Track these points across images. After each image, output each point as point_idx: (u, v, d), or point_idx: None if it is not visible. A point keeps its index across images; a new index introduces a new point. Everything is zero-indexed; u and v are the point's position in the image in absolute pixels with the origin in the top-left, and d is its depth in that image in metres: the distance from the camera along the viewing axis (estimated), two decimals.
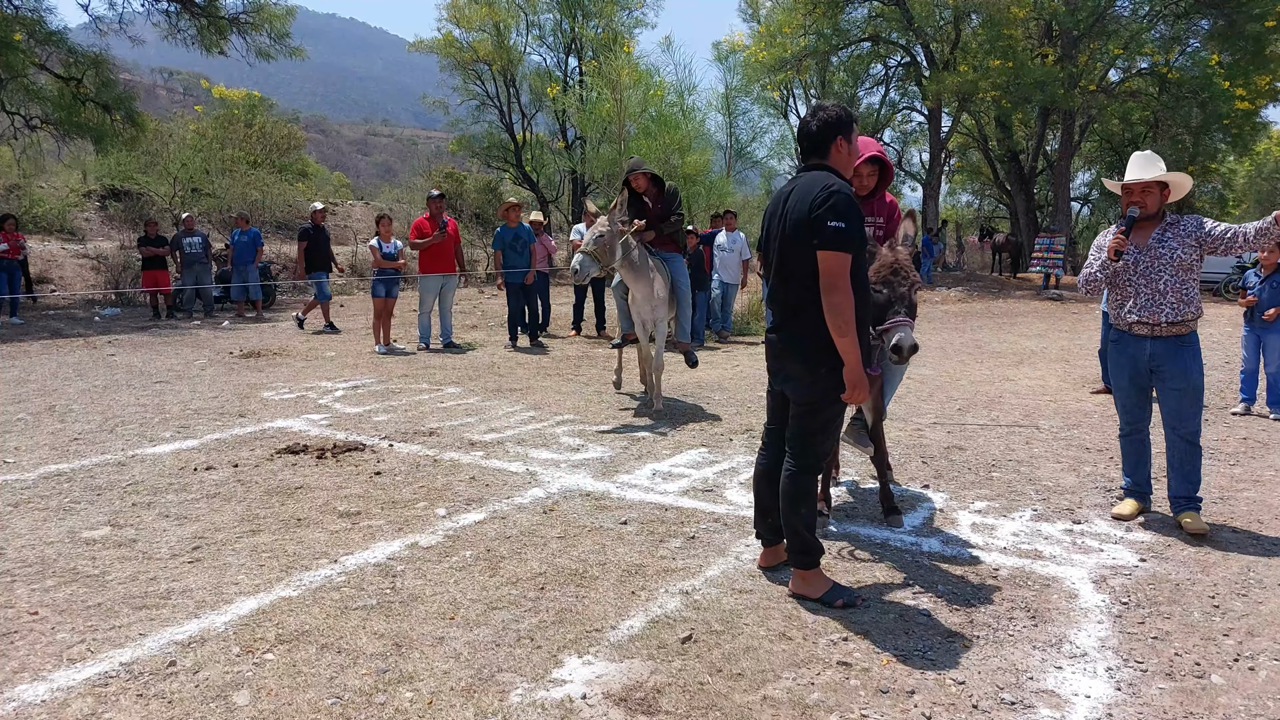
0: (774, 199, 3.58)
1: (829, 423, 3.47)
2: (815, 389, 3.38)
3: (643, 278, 6.75)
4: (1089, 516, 4.54)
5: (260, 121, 30.97)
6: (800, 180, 3.42)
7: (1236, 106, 22.53)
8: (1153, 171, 4.34)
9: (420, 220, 10.95)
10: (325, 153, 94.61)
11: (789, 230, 3.35)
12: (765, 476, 3.68)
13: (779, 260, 3.44)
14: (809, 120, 3.51)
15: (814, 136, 3.46)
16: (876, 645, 3.08)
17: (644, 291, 6.79)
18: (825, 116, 3.46)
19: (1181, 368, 4.33)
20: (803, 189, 3.34)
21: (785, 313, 3.46)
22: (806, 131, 3.50)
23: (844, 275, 3.20)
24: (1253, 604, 3.48)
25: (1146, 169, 4.38)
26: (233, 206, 20.55)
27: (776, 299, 3.50)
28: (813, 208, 3.23)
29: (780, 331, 3.49)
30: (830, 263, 3.20)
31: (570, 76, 29.20)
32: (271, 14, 19.54)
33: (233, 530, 4.17)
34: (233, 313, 14.55)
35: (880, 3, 25.04)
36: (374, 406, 7.17)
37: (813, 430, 3.44)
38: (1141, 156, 4.48)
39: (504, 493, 4.82)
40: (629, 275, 6.74)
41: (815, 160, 3.46)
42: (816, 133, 3.45)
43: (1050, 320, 15.69)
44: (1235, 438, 6.39)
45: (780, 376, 3.55)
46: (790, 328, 3.43)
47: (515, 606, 3.35)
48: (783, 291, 3.45)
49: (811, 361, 3.35)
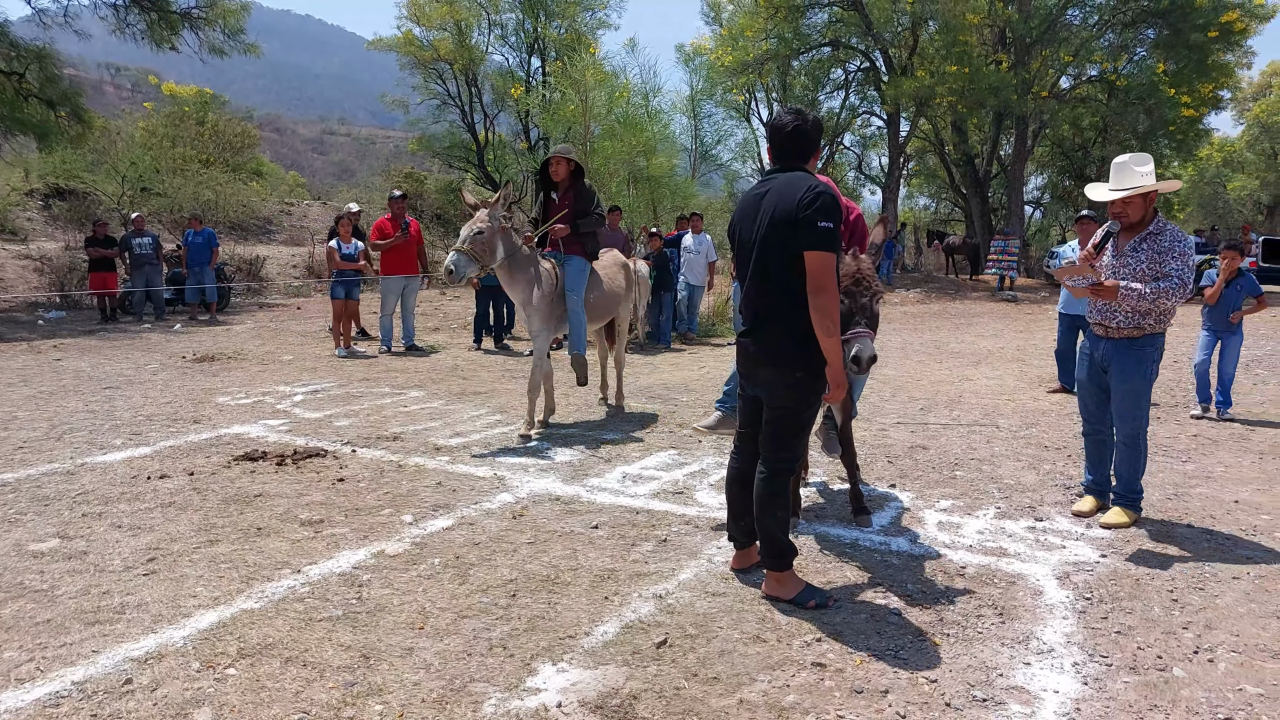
0: (745, 202, 3.54)
1: (803, 426, 3.46)
2: (789, 392, 3.37)
3: (519, 281, 6.14)
4: (1050, 514, 4.61)
5: (212, 119, 30.30)
6: (777, 181, 3.38)
7: (1181, 114, 23.18)
8: (1129, 181, 4.26)
9: (382, 221, 10.80)
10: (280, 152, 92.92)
11: (770, 231, 3.31)
12: (738, 480, 3.67)
13: (757, 262, 3.39)
14: (798, 123, 3.43)
15: (804, 138, 3.42)
16: (850, 646, 3.09)
17: (521, 297, 6.20)
18: (815, 120, 3.46)
19: (1124, 368, 4.36)
20: (783, 190, 3.30)
21: (759, 315, 3.43)
22: (798, 133, 3.42)
23: (832, 275, 3.21)
24: (1209, 597, 3.55)
25: (1124, 180, 4.28)
26: (184, 206, 20.06)
27: (750, 301, 3.47)
28: (800, 208, 3.19)
29: (753, 335, 3.46)
30: (819, 263, 3.19)
31: (533, 77, 29.04)
32: (225, 10, 19.11)
33: (189, 540, 4.05)
34: (186, 315, 14.21)
35: (840, 8, 25.28)
36: (335, 411, 7.05)
37: (786, 433, 3.43)
38: (1121, 163, 4.35)
39: (471, 498, 4.75)
40: (505, 278, 6.14)
41: (795, 163, 3.44)
42: (809, 134, 3.43)
43: (1006, 321, 15.98)
44: (1186, 435, 6.55)
45: (753, 381, 3.53)
46: (764, 331, 3.41)
47: (486, 615, 3.30)
48: (758, 294, 3.42)
49: (785, 365, 3.34)
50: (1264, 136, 37.76)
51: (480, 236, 5.75)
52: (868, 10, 23.78)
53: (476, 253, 5.72)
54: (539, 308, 6.18)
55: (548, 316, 6.26)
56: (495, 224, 5.84)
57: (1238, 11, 23.05)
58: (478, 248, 5.73)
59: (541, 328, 6.26)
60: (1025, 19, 23.85)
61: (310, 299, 17.71)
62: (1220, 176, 39.99)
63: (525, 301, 6.19)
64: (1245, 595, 3.58)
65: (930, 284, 23.96)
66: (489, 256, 5.81)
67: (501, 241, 5.91)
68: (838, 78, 29.11)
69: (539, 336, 6.30)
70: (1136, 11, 23.73)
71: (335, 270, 10.77)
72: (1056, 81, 25.63)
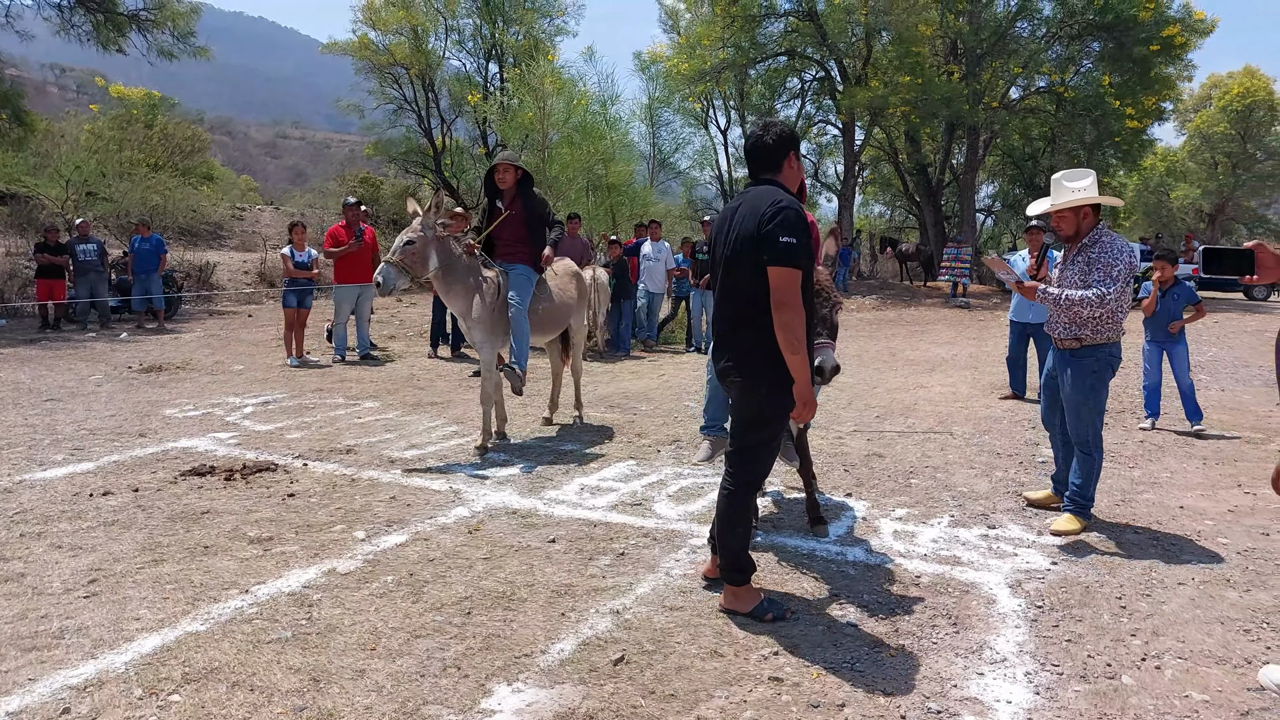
0: (721, 215, 3.53)
1: (770, 440, 3.43)
2: (755, 407, 3.36)
3: (457, 292, 5.94)
4: (1002, 521, 4.68)
5: (161, 122, 29.64)
6: (748, 195, 3.36)
7: (1126, 124, 23.85)
8: (1060, 198, 4.39)
9: (336, 228, 10.65)
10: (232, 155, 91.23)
11: (736, 246, 3.29)
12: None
13: (725, 276, 3.38)
14: (762, 134, 3.42)
15: (769, 150, 3.39)
16: (806, 659, 3.10)
17: (460, 308, 6.00)
18: (779, 131, 3.43)
19: (1067, 379, 4.51)
20: (751, 204, 3.29)
21: (725, 330, 3.42)
22: (760, 145, 3.41)
23: (795, 292, 3.17)
24: (1156, 604, 3.63)
25: (1056, 196, 4.42)
26: (131, 211, 19.56)
27: (721, 315, 3.46)
28: (761, 223, 3.18)
29: (720, 349, 3.45)
30: (781, 279, 3.16)
31: (491, 83, 28.88)
32: (175, 12, 18.75)
33: (133, 561, 3.93)
34: (132, 324, 13.86)
35: (795, 19, 25.56)
36: (286, 423, 6.91)
37: (752, 447, 3.41)
38: (1056, 179, 4.49)
39: (426, 512, 4.68)
40: (441, 288, 5.95)
41: (766, 175, 3.41)
42: (772, 146, 3.39)
43: (958, 328, 16.24)
44: (1133, 441, 6.70)
45: (726, 391, 3.54)
46: (730, 345, 3.39)
47: (440, 634, 3.24)
48: (725, 308, 3.42)
49: (751, 380, 3.32)
50: (1205, 146, 38.93)
51: (410, 247, 5.57)
52: (823, 21, 24.08)
53: (407, 264, 5.55)
54: (480, 319, 5.99)
55: (490, 327, 6.06)
56: (428, 233, 5.66)
57: (1178, 26, 23.81)
58: (408, 258, 5.56)
59: (484, 339, 6.08)
60: (975, 31, 24.36)
61: (262, 306, 17.39)
62: (1164, 185, 41.13)
63: (464, 313, 6.00)
64: (1191, 601, 3.66)
65: (885, 291, 24.29)
66: (420, 267, 5.64)
67: (435, 251, 5.72)
68: (794, 87, 29.39)
69: (484, 348, 6.11)
70: (1082, 25, 24.37)
71: (288, 278, 10.59)
72: (1006, 92, 26.24)
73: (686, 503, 4.93)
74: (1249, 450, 6.38)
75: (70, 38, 18.05)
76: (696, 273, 12.22)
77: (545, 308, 6.42)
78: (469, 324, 6.05)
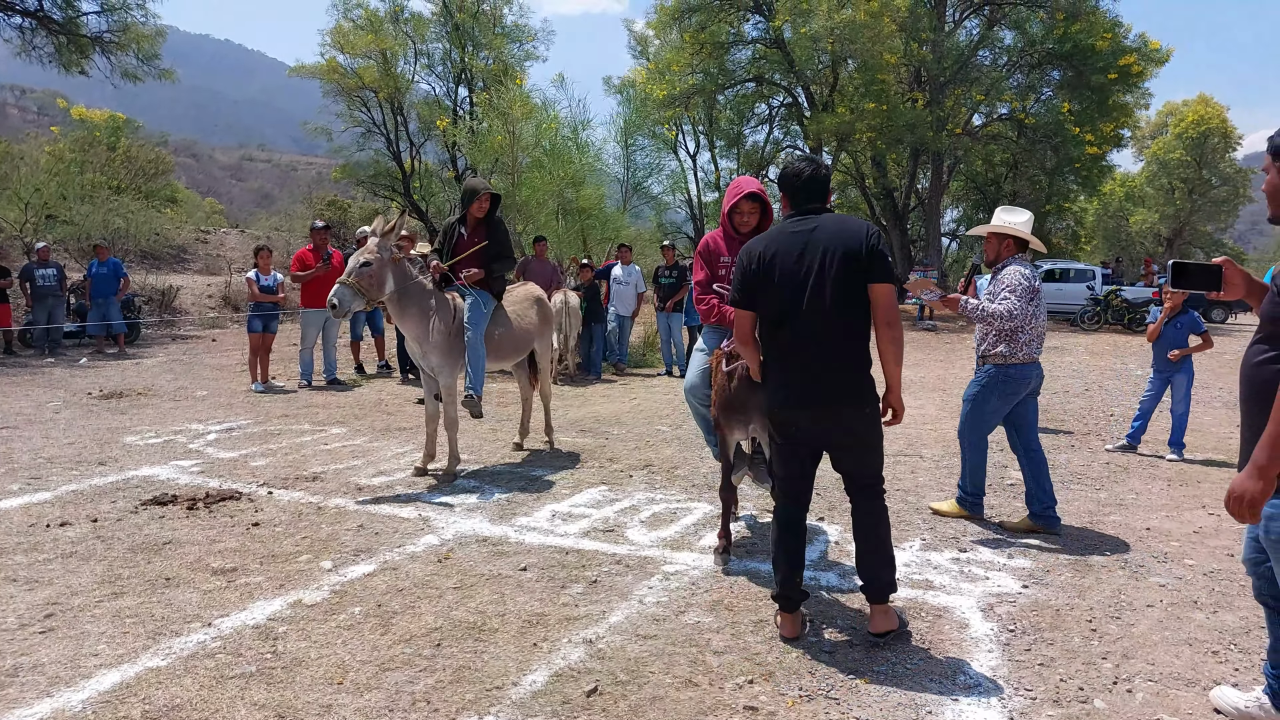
0: (781, 240, 3.42)
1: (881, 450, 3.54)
2: (875, 428, 3.45)
3: (411, 316, 5.83)
4: (973, 545, 4.70)
5: (124, 144, 29.30)
6: (822, 219, 3.40)
7: (1086, 151, 24.44)
8: (984, 228, 5.08)
9: (303, 252, 10.54)
10: (197, 178, 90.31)
11: (838, 266, 3.28)
12: (795, 530, 3.53)
13: (815, 298, 3.30)
14: (817, 169, 3.54)
15: (824, 184, 3.55)
16: (781, 687, 3.07)
17: (414, 332, 5.88)
18: (827, 168, 3.64)
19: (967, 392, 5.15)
20: (838, 228, 3.36)
21: (840, 348, 3.35)
22: (819, 178, 3.52)
23: (897, 307, 3.38)
24: (1126, 626, 3.66)
25: (993, 222, 5.04)
26: (92, 235, 19.23)
27: (817, 341, 3.34)
28: (868, 242, 3.29)
29: (837, 370, 3.36)
30: (889, 296, 3.31)
31: (461, 107, 28.92)
32: (139, 34, 18.57)
33: (92, 594, 3.82)
34: (91, 349, 13.58)
35: (763, 46, 25.95)
36: (251, 450, 6.78)
37: (875, 459, 3.49)
38: (998, 210, 5.14)
39: (395, 541, 4.61)
40: (395, 312, 5.83)
41: (816, 205, 3.51)
42: (826, 180, 3.56)
43: (926, 350, 16.42)
44: (1099, 463, 6.79)
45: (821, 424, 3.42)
46: (842, 371, 3.36)
47: (409, 666, 3.17)
48: (826, 331, 3.32)
49: (864, 401, 3.40)
50: (1162, 172, 39.96)
51: (367, 269, 5.47)
52: (789, 49, 24.46)
53: (363, 286, 5.44)
54: (436, 343, 5.88)
55: (447, 351, 5.94)
56: (385, 255, 5.57)
57: (1134, 55, 24.52)
58: (364, 281, 5.45)
59: (442, 363, 5.95)
60: (939, 59, 24.87)
61: (227, 331, 17.15)
62: (1123, 210, 42.12)
63: (419, 337, 5.88)
64: (1159, 623, 3.69)
65: None
66: (376, 290, 5.54)
67: (392, 274, 5.64)
68: (762, 112, 29.78)
69: (443, 373, 5.98)
70: (1042, 54, 25.02)
71: (253, 302, 10.45)
72: (969, 119, 26.80)
73: (659, 528, 4.90)
74: (1212, 472, 6.49)
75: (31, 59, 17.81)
76: (660, 296, 12.20)
77: (501, 333, 6.35)
78: (425, 349, 5.91)
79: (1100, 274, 23.75)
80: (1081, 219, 37.59)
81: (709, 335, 4.62)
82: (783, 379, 3.44)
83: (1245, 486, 2.35)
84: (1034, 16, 25.32)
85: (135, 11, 18.41)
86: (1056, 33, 24.09)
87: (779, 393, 3.46)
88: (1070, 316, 22.12)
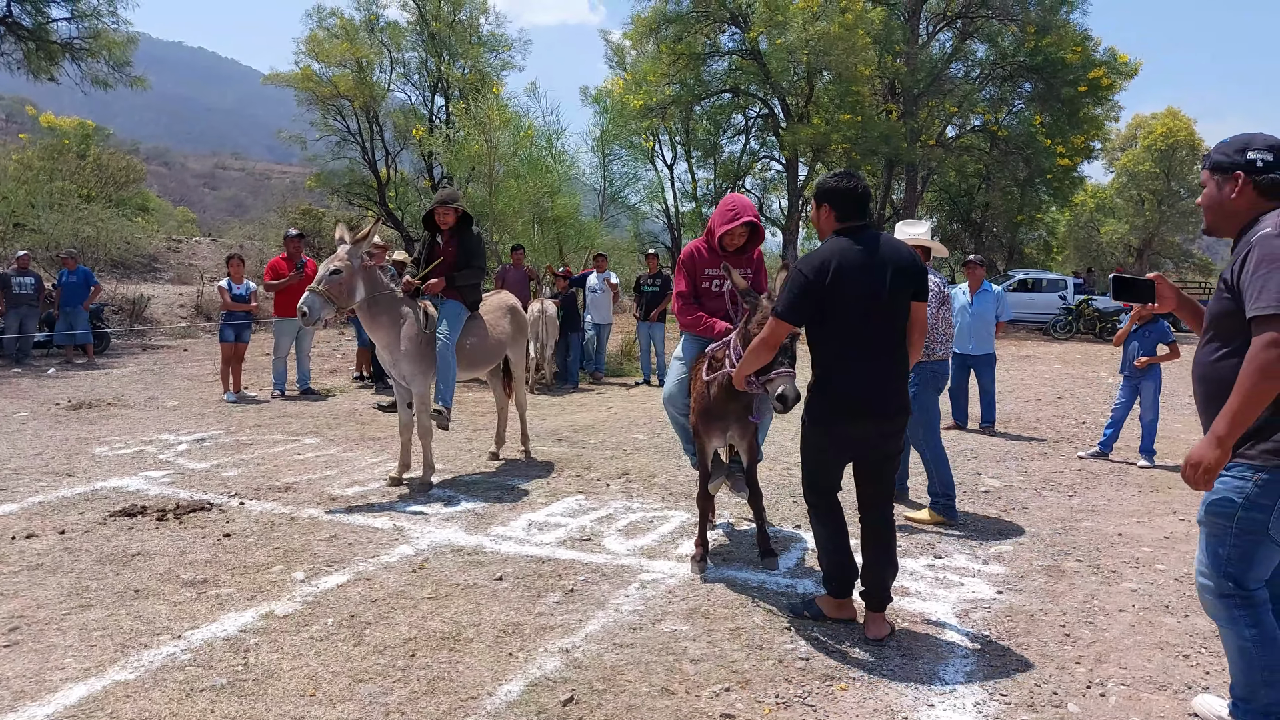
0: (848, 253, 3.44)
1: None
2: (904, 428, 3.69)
3: (382, 325, 5.77)
4: (948, 551, 4.73)
5: (95, 152, 28.91)
6: (882, 239, 3.53)
7: (1057, 162, 24.80)
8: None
9: (276, 260, 10.45)
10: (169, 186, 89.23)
11: (903, 283, 3.47)
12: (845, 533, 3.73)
13: (888, 314, 3.48)
14: (864, 183, 3.60)
15: (869, 198, 3.64)
16: (757, 694, 3.07)
17: (384, 340, 5.82)
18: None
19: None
20: (891, 245, 3.53)
21: (897, 359, 3.55)
22: (867, 193, 3.60)
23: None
24: (1098, 631, 3.69)
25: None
26: (61, 243, 18.93)
27: (884, 353, 3.50)
28: (916, 262, 3.53)
29: (896, 379, 3.56)
30: (923, 311, 3.63)
31: (437, 115, 28.85)
32: (110, 41, 18.35)
33: (58, 606, 3.74)
34: (60, 359, 13.36)
35: (739, 57, 26.13)
36: (223, 460, 6.69)
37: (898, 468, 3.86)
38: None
39: (369, 551, 4.56)
40: (366, 320, 5.78)
41: (862, 220, 3.57)
42: (869, 194, 3.67)
43: None
44: (1071, 470, 6.87)
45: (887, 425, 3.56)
46: (901, 373, 3.58)
47: (383, 678, 3.14)
48: (890, 344, 3.52)
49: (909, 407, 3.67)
50: (1131, 184, 40.56)
51: (337, 276, 5.41)
52: (765, 60, 24.65)
53: (333, 294, 5.38)
54: (407, 352, 5.82)
55: (418, 360, 5.89)
56: (355, 263, 5.52)
57: (1104, 69, 24.95)
58: (333, 288, 5.39)
59: (414, 371, 5.90)
60: (912, 72, 25.18)
61: (198, 340, 16.94)
62: (1094, 221, 42.70)
63: (390, 345, 5.82)
64: (1131, 628, 3.73)
65: None
66: (346, 298, 5.49)
67: (362, 282, 5.58)
68: (738, 123, 29.94)
69: (415, 380, 5.93)
70: (1014, 67, 25.39)
71: (225, 311, 10.33)
72: (942, 131, 27.12)
73: (636, 537, 4.89)
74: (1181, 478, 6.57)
75: None
76: (642, 305, 12.18)
77: (474, 343, 6.31)
78: (395, 357, 5.85)
79: (1072, 284, 24.06)
80: (1053, 229, 38.03)
81: (688, 345, 4.63)
82: (849, 391, 3.50)
83: (1204, 455, 2.54)
84: (1006, 30, 25.72)
85: (106, 18, 18.21)
86: (1028, 46, 24.47)
87: (843, 404, 3.51)
88: (1043, 326, 22.39)
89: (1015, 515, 5.51)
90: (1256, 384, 2.43)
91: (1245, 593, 2.66)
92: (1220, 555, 2.68)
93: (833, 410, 3.53)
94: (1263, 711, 2.70)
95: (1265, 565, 2.66)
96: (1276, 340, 2.39)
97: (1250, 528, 2.60)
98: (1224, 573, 2.68)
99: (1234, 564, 2.65)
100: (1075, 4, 25.07)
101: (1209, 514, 2.72)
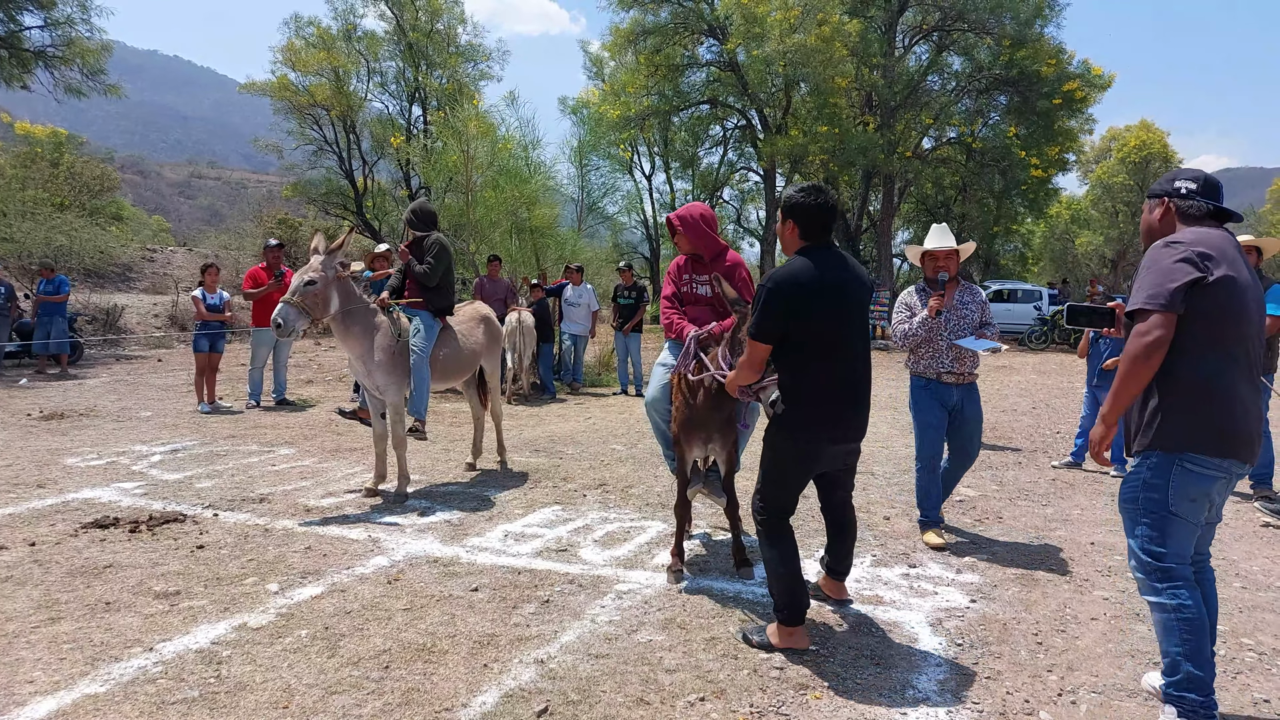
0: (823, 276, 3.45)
1: None
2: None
3: (354, 336, 5.72)
4: (923, 560, 4.77)
5: (68, 160, 28.55)
6: (846, 259, 3.60)
7: (1032, 174, 25.13)
8: (951, 241, 5.14)
9: (256, 269, 10.37)
10: (144, 195, 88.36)
11: (857, 307, 3.58)
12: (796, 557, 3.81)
13: (860, 331, 3.62)
14: (828, 201, 3.55)
15: (835, 217, 3.64)
16: (732, 704, 3.08)
17: (357, 351, 5.77)
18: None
19: (977, 406, 5.24)
20: (854, 265, 3.62)
21: (866, 383, 3.67)
22: (832, 211, 3.58)
23: None
24: (1070, 639, 3.73)
25: (946, 238, 5.13)
26: (34, 253, 18.69)
27: (858, 362, 3.62)
28: (870, 280, 3.68)
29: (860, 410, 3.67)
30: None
31: (414, 125, 28.80)
32: (84, 49, 18.19)
33: (27, 619, 3.69)
34: (32, 369, 13.17)
35: (717, 69, 26.31)
36: (196, 471, 6.63)
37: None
38: (938, 228, 5.27)
39: (344, 562, 4.53)
40: (340, 331, 5.73)
41: (825, 242, 3.59)
42: (834, 214, 3.62)
43: (878, 369, 16.55)
44: (1045, 479, 6.94)
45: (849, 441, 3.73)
46: (867, 385, 3.68)
47: (357, 689, 3.12)
48: (863, 364, 3.65)
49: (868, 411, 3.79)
50: (1106, 196, 41.09)
51: (312, 288, 5.36)
52: (743, 72, 24.83)
53: (307, 305, 5.33)
54: (380, 363, 5.79)
55: (391, 370, 5.85)
56: (330, 274, 5.47)
57: (1078, 82, 25.32)
58: (308, 299, 5.34)
59: (388, 382, 5.85)
60: (889, 84, 25.44)
61: (173, 351, 16.76)
62: (1069, 233, 43.22)
63: (363, 356, 5.76)
64: (1103, 636, 3.77)
65: None
66: (321, 309, 5.43)
67: (337, 292, 5.54)
68: (716, 134, 30.16)
69: (389, 390, 5.88)
70: (989, 80, 25.73)
71: (199, 321, 10.24)
72: (919, 143, 27.43)
73: (613, 547, 4.89)
74: None
75: None
76: (619, 316, 12.19)
77: (446, 354, 6.30)
78: (369, 368, 5.81)
79: (1047, 295, 24.36)
80: (1029, 241, 38.54)
81: (674, 348, 4.67)
82: (826, 411, 3.54)
83: (1094, 432, 3.05)
84: (982, 43, 26.06)
85: (80, 26, 18.05)
86: (1003, 58, 24.81)
87: (822, 424, 3.55)
88: (1019, 336, 22.65)
89: (989, 524, 5.56)
90: (1128, 368, 2.86)
91: (1164, 568, 2.91)
92: (1139, 536, 2.97)
93: (812, 430, 3.56)
94: (1185, 685, 2.85)
95: (1180, 541, 2.92)
96: (1141, 330, 2.81)
97: (1152, 507, 2.93)
98: (1145, 551, 2.95)
99: (1152, 542, 2.93)
100: (1050, 18, 25.48)
101: (1121, 501, 3.08)
